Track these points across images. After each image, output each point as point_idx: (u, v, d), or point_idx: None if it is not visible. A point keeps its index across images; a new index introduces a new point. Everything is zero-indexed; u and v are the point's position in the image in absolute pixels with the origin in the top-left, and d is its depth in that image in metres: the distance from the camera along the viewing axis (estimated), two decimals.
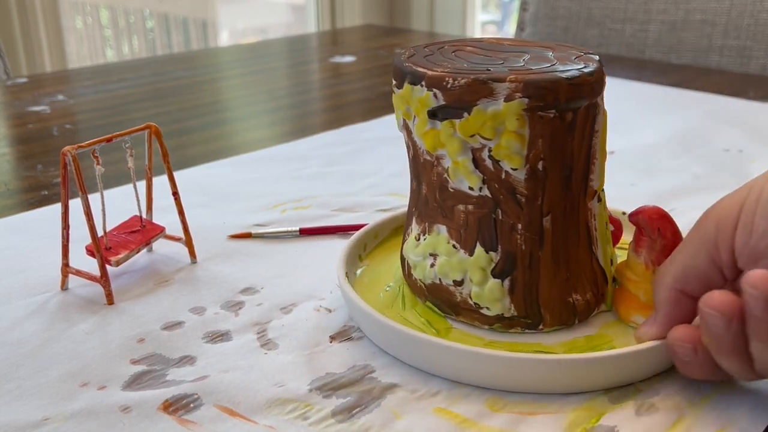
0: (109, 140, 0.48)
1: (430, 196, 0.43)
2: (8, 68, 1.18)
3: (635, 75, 1.06)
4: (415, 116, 0.41)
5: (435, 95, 0.39)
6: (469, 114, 0.39)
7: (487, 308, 0.42)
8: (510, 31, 3.04)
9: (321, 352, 0.42)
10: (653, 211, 0.42)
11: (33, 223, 0.59)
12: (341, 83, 1.08)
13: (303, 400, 0.38)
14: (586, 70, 0.40)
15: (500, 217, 0.41)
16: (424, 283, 0.44)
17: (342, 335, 0.44)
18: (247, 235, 0.57)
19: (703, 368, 0.38)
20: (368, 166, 0.72)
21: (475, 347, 0.39)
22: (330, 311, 0.47)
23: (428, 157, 0.42)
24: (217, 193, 0.65)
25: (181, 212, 0.52)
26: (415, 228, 0.45)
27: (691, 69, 1.13)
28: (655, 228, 0.42)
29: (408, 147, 0.44)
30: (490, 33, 3.12)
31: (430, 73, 0.40)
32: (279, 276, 0.51)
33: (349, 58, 1.21)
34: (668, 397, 0.39)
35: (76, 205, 0.47)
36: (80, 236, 0.49)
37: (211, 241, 0.56)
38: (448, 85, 0.39)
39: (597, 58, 0.42)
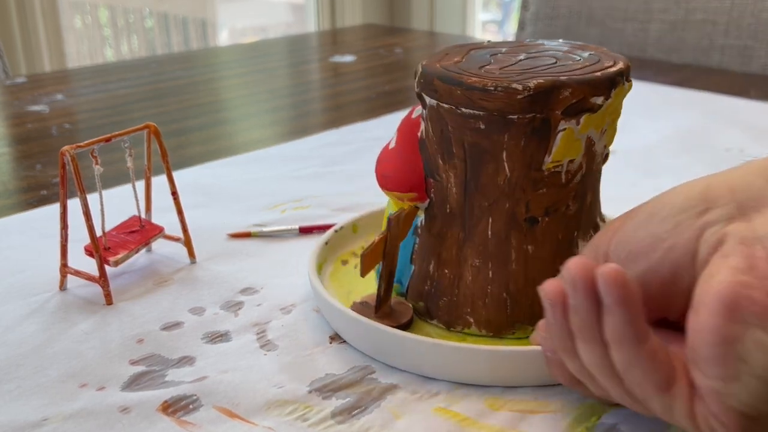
0: (108, 140, 0.48)
1: (596, 198, 0.44)
2: (7, 68, 1.18)
3: (636, 75, 1.06)
4: (611, 120, 0.42)
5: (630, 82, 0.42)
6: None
7: None
8: (510, 30, 3.04)
9: (320, 353, 0.42)
10: None
11: (32, 223, 0.59)
12: (341, 83, 1.08)
13: (303, 401, 0.38)
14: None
15: None
16: None
17: (342, 336, 0.44)
18: (246, 234, 0.57)
19: (549, 361, 0.35)
20: (368, 166, 0.72)
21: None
22: None
23: (601, 159, 0.43)
24: (217, 193, 0.65)
25: (180, 212, 0.52)
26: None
27: (692, 68, 1.13)
28: None
29: (571, 173, 0.41)
30: (491, 32, 3.12)
31: (624, 65, 0.41)
32: (279, 276, 0.51)
33: (349, 58, 1.21)
34: None
35: (75, 205, 0.47)
36: (79, 236, 0.49)
37: (210, 241, 0.56)
38: (629, 70, 0.42)
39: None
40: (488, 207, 0.41)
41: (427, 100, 0.41)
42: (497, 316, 0.42)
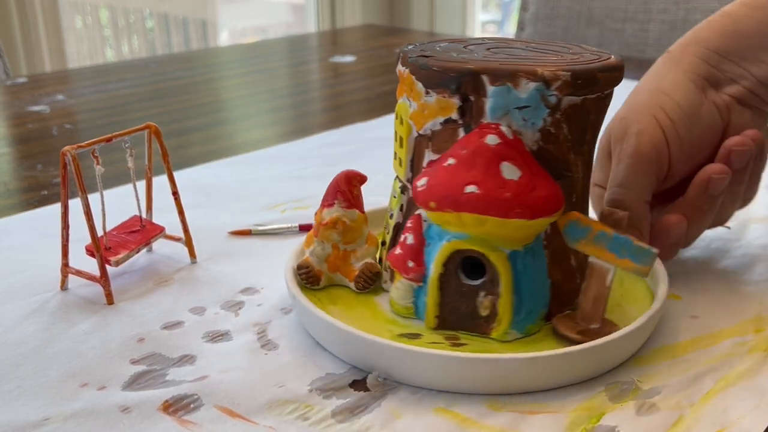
0: (108, 140, 0.48)
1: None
2: (8, 68, 1.18)
3: (635, 75, 1.06)
4: None
5: None
6: None
7: None
8: (510, 31, 3.04)
9: (321, 353, 0.42)
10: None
11: (33, 223, 0.59)
12: (341, 83, 1.08)
13: (303, 401, 0.38)
14: None
15: None
16: None
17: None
18: (246, 233, 0.57)
19: (674, 247, 0.49)
20: (368, 166, 0.72)
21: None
22: None
23: None
24: (217, 193, 0.65)
25: (180, 212, 0.52)
26: None
27: None
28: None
29: None
30: (490, 33, 3.12)
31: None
32: (279, 276, 0.51)
33: (349, 58, 1.21)
34: (669, 397, 0.39)
35: (76, 205, 0.47)
36: (80, 236, 0.49)
37: (211, 241, 0.56)
38: None
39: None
40: (586, 170, 0.44)
41: (568, 100, 0.40)
42: None
